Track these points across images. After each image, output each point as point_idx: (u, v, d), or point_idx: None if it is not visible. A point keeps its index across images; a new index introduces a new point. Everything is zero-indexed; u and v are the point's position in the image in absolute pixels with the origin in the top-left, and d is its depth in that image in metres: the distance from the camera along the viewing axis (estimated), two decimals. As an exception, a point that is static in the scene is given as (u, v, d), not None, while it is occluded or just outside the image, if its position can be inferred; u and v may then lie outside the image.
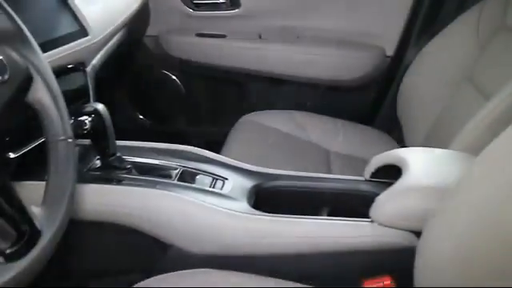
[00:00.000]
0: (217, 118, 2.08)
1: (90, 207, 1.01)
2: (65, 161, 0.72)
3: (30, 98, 0.73)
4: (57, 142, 0.73)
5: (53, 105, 0.74)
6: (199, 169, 1.11)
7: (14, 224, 0.62)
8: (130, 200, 1.01)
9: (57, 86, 0.76)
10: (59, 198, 0.69)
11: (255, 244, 0.98)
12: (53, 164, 0.72)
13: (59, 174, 0.71)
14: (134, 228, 1.02)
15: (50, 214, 0.67)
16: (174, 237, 1.01)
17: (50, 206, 0.69)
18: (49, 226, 0.65)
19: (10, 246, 0.60)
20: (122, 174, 1.06)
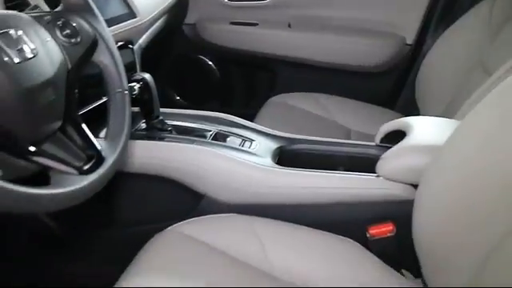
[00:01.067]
0: (248, 100, 2.25)
1: (136, 161, 1.19)
2: (122, 107, 0.90)
3: (96, 58, 0.91)
4: (115, 94, 0.91)
5: (113, 64, 0.92)
6: (230, 132, 1.28)
7: (84, 149, 0.80)
8: (171, 154, 1.18)
9: (116, 50, 0.94)
10: (118, 135, 0.87)
11: (277, 194, 1.14)
12: (112, 110, 0.91)
13: (117, 117, 0.90)
14: (172, 179, 1.19)
15: (110, 145, 0.85)
16: (207, 187, 1.17)
17: (111, 140, 0.87)
18: (110, 154, 0.83)
19: (82, 165, 0.77)
20: (164, 134, 1.23)
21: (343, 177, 1.13)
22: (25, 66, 0.71)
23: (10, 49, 0.70)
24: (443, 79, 1.70)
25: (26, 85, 0.71)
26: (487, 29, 1.58)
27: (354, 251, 1.08)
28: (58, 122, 0.79)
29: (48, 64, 0.76)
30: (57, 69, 0.78)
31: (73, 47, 0.85)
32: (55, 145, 0.77)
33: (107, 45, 0.92)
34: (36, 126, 0.73)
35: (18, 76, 0.70)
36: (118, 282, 0.94)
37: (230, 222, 1.12)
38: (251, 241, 1.05)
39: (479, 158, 0.80)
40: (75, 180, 0.73)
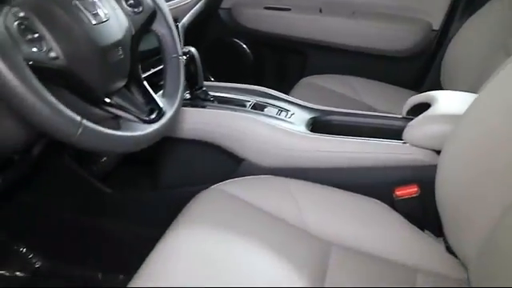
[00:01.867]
0: (279, 82, 2.36)
1: (182, 127, 1.30)
2: (177, 70, 1.02)
3: (154, 26, 1.02)
4: (171, 59, 1.03)
5: (169, 33, 1.03)
6: (267, 102, 1.39)
7: (146, 104, 0.92)
8: (213, 121, 1.30)
9: (172, 21, 1.06)
10: (174, 93, 0.99)
11: (310, 158, 1.25)
12: (169, 73, 1.03)
13: (173, 79, 1.02)
14: (215, 144, 1.31)
15: (168, 102, 0.98)
16: (246, 152, 1.29)
17: (169, 97, 0.99)
18: (169, 109, 0.95)
19: (146, 116, 0.89)
20: (207, 103, 1.35)
21: (372, 143, 1.23)
22: (100, 27, 0.83)
23: (88, 12, 0.82)
24: (468, 63, 1.79)
25: (101, 44, 0.83)
26: (510, 15, 1.66)
27: (382, 211, 1.18)
28: (124, 80, 0.91)
29: (117, 28, 0.88)
30: (124, 32, 0.90)
31: (136, 16, 0.97)
32: (123, 98, 0.89)
33: (164, 16, 1.03)
34: (108, 80, 0.86)
35: (95, 35, 0.82)
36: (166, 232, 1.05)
37: (267, 182, 1.23)
38: (287, 200, 1.16)
39: (498, 124, 0.90)
40: (141, 127, 0.85)
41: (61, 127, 0.70)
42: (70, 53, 0.78)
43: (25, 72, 0.67)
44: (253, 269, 0.96)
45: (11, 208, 1.53)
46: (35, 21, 0.74)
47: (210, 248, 0.99)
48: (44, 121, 0.68)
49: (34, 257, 1.58)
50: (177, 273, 0.92)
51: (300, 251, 1.02)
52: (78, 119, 0.71)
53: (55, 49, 0.76)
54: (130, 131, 0.82)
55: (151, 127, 0.87)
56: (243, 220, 1.08)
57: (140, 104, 0.92)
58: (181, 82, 1.02)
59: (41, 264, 1.58)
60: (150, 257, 0.97)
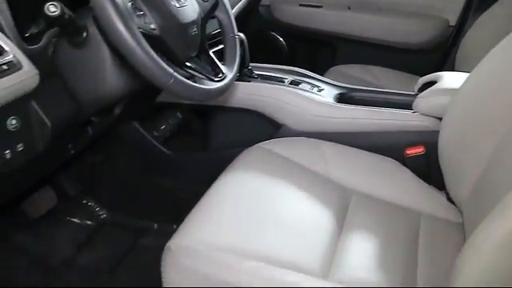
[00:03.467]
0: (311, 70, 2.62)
1: (232, 97, 1.59)
2: (234, 45, 1.31)
3: (216, 13, 1.31)
4: (230, 37, 1.32)
5: (227, 18, 1.33)
6: (302, 80, 1.67)
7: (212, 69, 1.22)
8: (258, 92, 1.58)
9: (230, 8, 1.34)
10: (232, 62, 1.29)
11: (338, 123, 1.52)
12: (228, 47, 1.32)
13: (232, 52, 1.31)
14: (258, 112, 1.59)
15: (228, 68, 1.27)
16: (284, 118, 1.57)
17: (228, 66, 1.28)
18: (229, 74, 1.25)
19: (213, 77, 1.19)
20: (252, 79, 1.63)
21: (388, 112, 1.50)
22: (182, 9, 1.13)
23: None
24: (480, 57, 2.02)
25: (182, 21, 1.12)
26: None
27: (394, 167, 1.44)
28: (196, 50, 1.20)
29: (192, 11, 1.18)
30: (197, 15, 1.19)
31: (204, 3, 1.26)
32: (196, 64, 1.18)
33: (224, 5, 1.33)
34: (186, 48, 1.15)
35: (178, 15, 1.11)
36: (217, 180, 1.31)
37: (301, 142, 1.50)
38: (316, 156, 1.43)
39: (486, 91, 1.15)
40: (210, 84, 1.15)
41: (159, 76, 0.99)
42: (163, 26, 1.07)
43: (137, 35, 0.96)
44: (287, 207, 1.21)
45: (83, 166, 1.82)
46: (141, 3, 1.04)
47: (253, 191, 1.24)
48: (148, 70, 0.97)
49: (100, 209, 1.87)
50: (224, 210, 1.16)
51: (326, 196, 1.28)
52: (170, 71, 1.00)
53: (153, 23, 1.05)
54: (203, 86, 1.12)
55: (217, 84, 1.17)
56: (281, 171, 1.34)
57: (208, 69, 1.21)
58: (237, 54, 1.31)
59: (105, 215, 1.86)
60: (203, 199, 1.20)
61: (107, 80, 1.13)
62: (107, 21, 0.94)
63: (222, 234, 1.06)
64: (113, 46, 1.05)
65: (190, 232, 1.08)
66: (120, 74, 1.12)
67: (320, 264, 1.05)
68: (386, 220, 1.24)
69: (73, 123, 1.17)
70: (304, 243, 1.09)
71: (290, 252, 1.05)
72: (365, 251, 1.12)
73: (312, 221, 1.18)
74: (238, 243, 1.04)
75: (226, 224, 1.10)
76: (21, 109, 1.00)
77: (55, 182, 1.79)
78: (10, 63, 0.95)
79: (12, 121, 0.98)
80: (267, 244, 1.05)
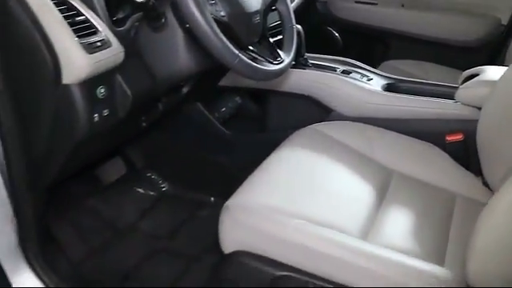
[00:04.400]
0: (365, 64, 2.76)
1: (287, 83, 1.74)
2: (292, 34, 1.47)
3: (277, 5, 1.47)
4: (288, 27, 1.48)
5: (287, 10, 1.48)
6: (353, 70, 1.80)
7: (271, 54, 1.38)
8: (312, 79, 1.73)
9: (289, 2, 1.50)
10: (290, 48, 1.44)
11: (384, 110, 1.65)
12: (286, 36, 1.48)
13: (289, 39, 1.47)
14: (311, 97, 1.74)
15: (286, 54, 1.43)
16: (335, 103, 1.71)
17: (286, 51, 1.44)
18: (286, 59, 1.40)
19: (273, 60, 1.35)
20: (307, 68, 1.78)
21: (432, 101, 1.62)
22: (247, 0, 1.29)
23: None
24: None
25: (247, 10, 1.28)
26: None
27: (435, 152, 1.55)
28: (258, 36, 1.36)
29: (256, 2, 1.34)
30: (260, 5, 1.35)
31: (266, -4, 1.42)
32: (258, 49, 1.34)
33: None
34: (250, 34, 1.31)
35: (244, 5, 1.27)
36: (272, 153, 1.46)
37: (349, 126, 1.63)
38: (363, 139, 1.56)
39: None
40: (270, 66, 1.31)
41: (226, 56, 1.16)
42: (231, 14, 1.24)
43: (210, 20, 1.13)
44: (333, 180, 1.35)
45: (150, 142, 2.01)
46: (212, -7, 1.21)
47: (303, 164, 1.39)
48: (218, 51, 1.14)
49: (163, 182, 2.05)
50: (276, 178, 1.32)
51: (369, 174, 1.41)
52: (236, 52, 1.17)
53: (223, 10, 1.22)
54: (263, 67, 1.28)
55: (276, 67, 1.33)
56: (329, 149, 1.48)
57: (267, 53, 1.37)
58: (294, 42, 1.46)
59: (167, 188, 2.05)
60: (259, 168, 1.35)
61: (180, 60, 1.30)
62: (186, 8, 1.11)
63: (273, 197, 1.22)
64: (187, 30, 1.22)
65: (246, 194, 1.24)
66: (191, 55, 1.30)
67: (359, 229, 1.18)
68: (423, 198, 1.35)
69: (149, 96, 1.35)
70: (346, 210, 1.23)
71: (333, 216, 1.18)
72: (401, 223, 1.24)
73: (355, 193, 1.32)
74: (288, 205, 1.19)
75: (277, 189, 1.26)
76: (108, 80, 1.19)
77: (125, 154, 1.98)
78: (102, 41, 1.14)
79: (101, 89, 1.17)
80: (313, 208, 1.20)
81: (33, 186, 1.24)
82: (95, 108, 1.17)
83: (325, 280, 1.10)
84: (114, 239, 1.77)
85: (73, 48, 1.08)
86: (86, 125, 1.15)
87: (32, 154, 1.20)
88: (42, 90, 1.13)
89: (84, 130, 1.16)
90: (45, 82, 1.11)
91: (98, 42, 1.13)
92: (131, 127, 1.50)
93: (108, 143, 1.48)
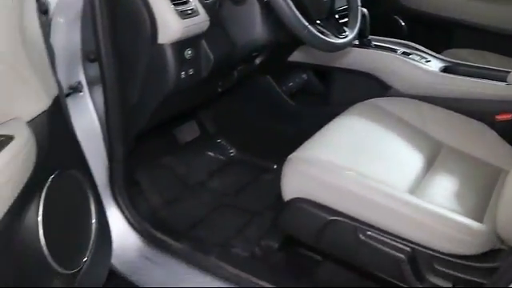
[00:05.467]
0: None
1: (351, 60, 1.91)
2: (357, 15, 1.63)
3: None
4: (354, 8, 1.63)
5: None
6: (413, 52, 1.94)
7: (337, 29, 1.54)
8: (373, 58, 1.88)
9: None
10: (354, 27, 1.61)
11: (440, 89, 1.78)
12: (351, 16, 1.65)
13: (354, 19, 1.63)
14: (372, 75, 1.89)
15: (350, 30, 1.59)
16: (393, 81, 1.85)
17: (350, 28, 1.60)
18: (350, 34, 1.56)
19: (339, 35, 1.51)
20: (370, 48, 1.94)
21: (484, 82, 1.74)
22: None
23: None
24: None
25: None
26: None
27: (484, 129, 1.66)
28: (326, 13, 1.53)
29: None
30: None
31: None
32: (325, 24, 1.51)
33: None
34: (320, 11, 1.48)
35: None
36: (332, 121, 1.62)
37: (405, 102, 1.77)
38: (417, 114, 1.69)
39: None
40: (335, 39, 1.47)
41: (297, 26, 1.33)
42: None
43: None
44: (386, 146, 1.51)
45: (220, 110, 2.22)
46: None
47: (360, 130, 1.55)
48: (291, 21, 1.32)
49: (231, 148, 2.25)
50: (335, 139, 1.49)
51: (420, 144, 1.55)
52: (306, 24, 1.34)
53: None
54: (329, 39, 1.45)
55: (340, 40, 1.49)
56: (384, 120, 1.63)
57: (333, 29, 1.53)
58: (358, 21, 1.62)
59: (234, 153, 2.25)
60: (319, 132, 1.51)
61: (256, 30, 1.49)
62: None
63: (332, 153, 1.39)
64: (264, 4, 1.41)
65: (307, 150, 1.42)
66: (266, 27, 1.49)
67: (407, 187, 1.33)
68: (468, 169, 1.48)
69: (227, 62, 1.54)
70: (397, 171, 1.38)
71: (384, 174, 1.33)
72: (445, 186, 1.38)
73: (406, 158, 1.47)
74: (344, 161, 1.36)
75: (335, 147, 1.43)
76: (195, 44, 1.39)
77: (199, 119, 2.20)
78: (192, 9, 1.34)
79: (188, 51, 1.37)
80: (367, 166, 1.35)
81: (125, 133, 1.46)
82: (183, 66, 1.37)
83: (371, 226, 1.27)
84: (184, 193, 1.98)
85: (169, 13, 1.29)
86: (175, 80, 1.36)
87: (127, 104, 1.42)
88: (140, 48, 1.34)
89: (172, 85, 1.37)
90: (143, 42, 1.33)
91: (189, 10, 1.33)
92: (209, 90, 1.70)
93: (189, 101, 1.68)
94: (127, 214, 1.55)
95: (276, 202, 1.74)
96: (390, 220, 1.25)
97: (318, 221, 1.33)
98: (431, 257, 1.22)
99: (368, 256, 1.30)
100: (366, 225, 1.28)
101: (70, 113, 1.26)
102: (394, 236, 1.25)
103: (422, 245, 1.22)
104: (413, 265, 1.24)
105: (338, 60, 1.93)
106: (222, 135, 2.26)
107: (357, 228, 1.29)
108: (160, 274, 1.52)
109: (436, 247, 1.21)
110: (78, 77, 1.40)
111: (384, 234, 1.26)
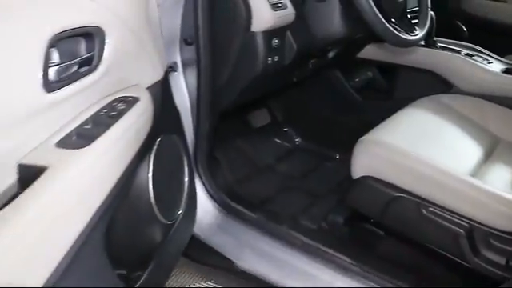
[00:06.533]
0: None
1: (417, 59, 2.05)
2: (426, 16, 1.77)
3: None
4: (424, 9, 1.77)
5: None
6: (476, 54, 2.07)
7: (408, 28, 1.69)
8: (438, 57, 2.04)
9: None
10: (423, 27, 1.75)
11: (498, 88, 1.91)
12: (421, 17, 1.78)
13: (424, 20, 1.77)
14: (435, 73, 2.03)
15: (420, 30, 1.73)
16: (455, 80, 1.99)
17: (420, 28, 1.74)
18: (420, 33, 1.71)
19: (410, 32, 1.66)
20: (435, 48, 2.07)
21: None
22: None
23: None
24: None
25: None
26: None
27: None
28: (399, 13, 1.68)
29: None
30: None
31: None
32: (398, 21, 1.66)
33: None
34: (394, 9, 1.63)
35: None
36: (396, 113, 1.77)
37: (466, 99, 1.91)
38: (477, 110, 1.83)
39: None
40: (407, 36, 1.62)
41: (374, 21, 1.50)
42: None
43: None
44: (447, 136, 1.65)
45: (290, 100, 2.39)
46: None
47: (422, 121, 1.70)
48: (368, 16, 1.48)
49: (296, 136, 2.42)
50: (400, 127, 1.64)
51: (479, 137, 1.69)
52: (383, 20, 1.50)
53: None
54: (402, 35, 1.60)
55: (411, 37, 1.64)
56: (446, 114, 1.77)
57: (405, 28, 1.68)
58: (427, 22, 1.76)
59: (300, 142, 2.41)
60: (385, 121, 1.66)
61: (335, 25, 1.65)
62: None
63: (398, 137, 1.54)
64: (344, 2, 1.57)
65: (376, 134, 1.57)
66: (344, 23, 1.65)
67: (467, 171, 1.47)
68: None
69: (307, 52, 1.71)
70: (457, 159, 1.52)
71: (447, 159, 1.48)
72: (503, 175, 1.51)
73: (465, 148, 1.62)
74: (409, 145, 1.50)
75: (401, 133, 1.59)
76: (281, 34, 1.57)
77: (270, 108, 2.37)
78: (282, 3, 1.53)
79: (275, 40, 1.55)
80: (430, 150, 1.50)
81: (212, 110, 1.64)
82: (270, 53, 1.55)
83: (433, 203, 1.41)
84: (254, 174, 2.15)
85: (263, 5, 1.47)
86: (262, 65, 1.54)
87: (217, 83, 1.60)
88: (234, 35, 1.53)
89: (259, 68, 1.54)
90: (238, 29, 1.51)
91: (279, 4, 1.51)
92: (286, 78, 1.87)
93: (269, 86, 1.85)
94: (207, 185, 1.73)
95: (338, 187, 1.90)
96: (450, 198, 1.39)
97: (384, 197, 1.49)
98: (487, 233, 1.35)
99: (429, 231, 1.44)
100: (428, 202, 1.42)
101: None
102: (453, 213, 1.39)
103: (479, 222, 1.36)
104: (470, 240, 1.38)
105: (404, 58, 2.07)
106: (290, 124, 2.41)
107: (419, 204, 1.43)
108: (233, 239, 1.69)
109: (492, 224, 1.35)
110: (175, 58, 1.59)
111: (444, 211, 1.40)
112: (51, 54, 0.87)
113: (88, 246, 0.88)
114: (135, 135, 1.03)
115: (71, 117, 0.94)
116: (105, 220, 0.93)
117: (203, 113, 1.62)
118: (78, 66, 0.94)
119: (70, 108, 0.94)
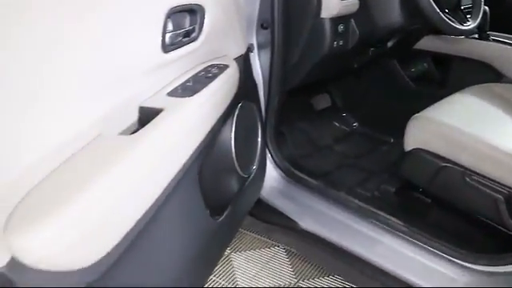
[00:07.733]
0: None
1: (469, 50, 2.22)
2: (480, 8, 1.95)
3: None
4: (477, 2, 1.95)
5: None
6: None
7: (461, 19, 1.88)
8: (490, 49, 2.19)
9: None
10: (476, 18, 1.92)
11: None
12: (475, 10, 1.96)
13: (477, 12, 1.95)
14: (487, 63, 2.19)
15: (473, 21, 1.91)
16: (507, 71, 2.15)
17: (473, 19, 1.92)
18: (472, 24, 1.89)
19: (463, 23, 1.85)
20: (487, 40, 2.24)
21: None
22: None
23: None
24: None
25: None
26: None
27: None
28: (453, 6, 1.86)
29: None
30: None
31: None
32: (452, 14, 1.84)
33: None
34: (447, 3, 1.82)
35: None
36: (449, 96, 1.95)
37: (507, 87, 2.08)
38: None
39: None
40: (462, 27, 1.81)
41: (431, 11, 1.69)
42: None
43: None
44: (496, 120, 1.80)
45: (349, 87, 2.59)
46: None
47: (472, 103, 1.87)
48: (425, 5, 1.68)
49: (354, 121, 2.63)
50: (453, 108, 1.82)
51: None
52: (438, 10, 1.69)
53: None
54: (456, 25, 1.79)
55: (465, 27, 1.83)
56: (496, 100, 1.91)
57: (459, 19, 1.86)
58: (480, 14, 1.94)
59: (356, 126, 2.62)
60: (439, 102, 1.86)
61: (394, 14, 1.86)
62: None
63: (447, 115, 1.73)
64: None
65: (427, 112, 1.77)
66: (403, 13, 1.84)
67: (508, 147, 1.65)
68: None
69: (368, 39, 1.92)
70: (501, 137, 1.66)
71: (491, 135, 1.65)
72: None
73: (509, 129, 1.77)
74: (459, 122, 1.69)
75: (451, 112, 1.78)
76: (346, 21, 1.78)
77: (331, 93, 2.59)
78: (348, -7, 1.73)
79: (341, 26, 1.77)
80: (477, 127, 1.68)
81: (282, 86, 1.87)
82: (336, 37, 1.77)
83: (476, 172, 1.60)
84: (314, 151, 2.37)
85: (330, -7, 1.69)
86: (328, 47, 1.76)
87: (287, 63, 1.83)
88: (305, 20, 1.75)
89: (326, 51, 1.77)
90: (309, 15, 1.73)
91: (345, -6, 1.73)
92: (348, 63, 2.08)
93: (333, 69, 2.07)
94: (273, 154, 1.95)
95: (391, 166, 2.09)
96: (492, 168, 1.57)
97: (432, 167, 1.68)
98: (524, 199, 1.53)
99: (471, 197, 1.63)
100: (471, 171, 1.61)
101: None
102: (494, 181, 1.57)
103: (517, 189, 1.54)
104: (508, 205, 1.56)
105: (457, 49, 2.25)
106: (348, 109, 2.62)
107: (464, 173, 1.62)
108: (296, 203, 1.91)
109: (530, 191, 1.52)
110: (252, 40, 1.83)
111: (486, 179, 1.58)
112: (167, 23, 1.11)
113: (187, 179, 1.11)
114: (225, 95, 1.27)
115: (178, 75, 1.19)
116: (197, 163, 1.16)
117: (274, 89, 1.85)
118: (183, 36, 1.19)
119: (177, 68, 1.19)
